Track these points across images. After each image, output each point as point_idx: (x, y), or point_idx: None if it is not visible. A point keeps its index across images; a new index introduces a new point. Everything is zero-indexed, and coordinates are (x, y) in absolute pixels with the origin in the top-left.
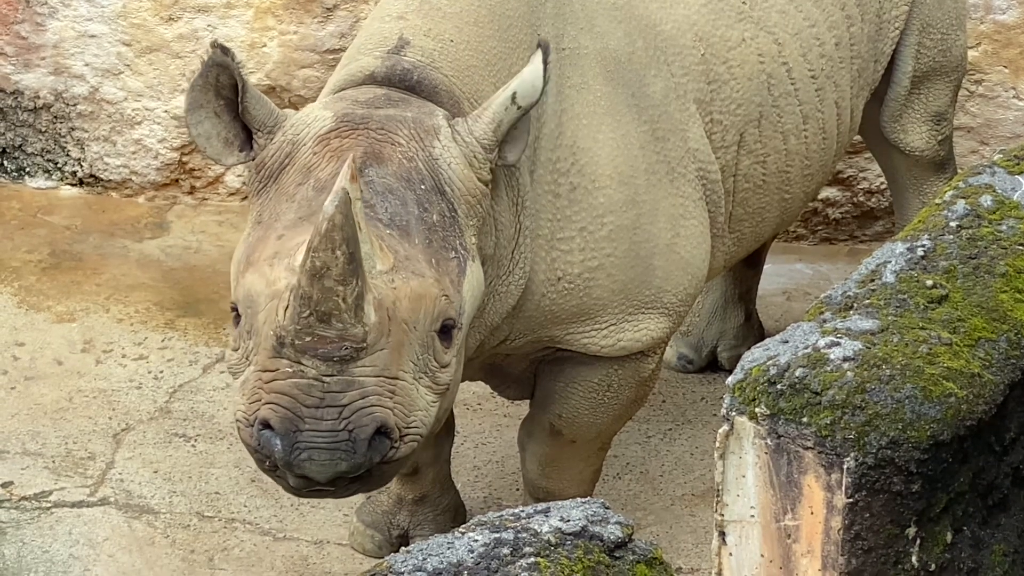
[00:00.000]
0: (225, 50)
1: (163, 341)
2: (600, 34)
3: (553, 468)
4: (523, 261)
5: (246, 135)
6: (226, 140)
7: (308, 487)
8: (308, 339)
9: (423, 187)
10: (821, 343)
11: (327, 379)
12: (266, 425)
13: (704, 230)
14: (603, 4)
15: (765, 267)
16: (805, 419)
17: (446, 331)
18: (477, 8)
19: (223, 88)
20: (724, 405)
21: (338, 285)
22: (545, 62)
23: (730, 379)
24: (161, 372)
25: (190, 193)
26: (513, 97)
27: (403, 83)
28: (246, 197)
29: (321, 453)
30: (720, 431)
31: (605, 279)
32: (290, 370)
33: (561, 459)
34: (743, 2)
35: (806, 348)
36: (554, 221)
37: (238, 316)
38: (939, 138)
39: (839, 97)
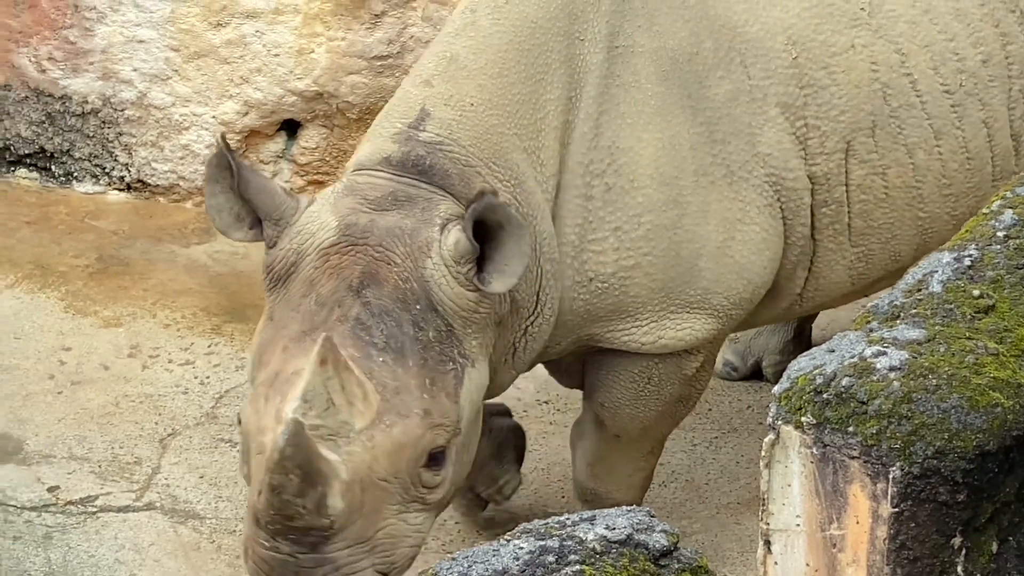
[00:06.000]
0: (227, 147)
1: (209, 346)
2: (659, 33)
3: (601, 468)
4: (549, 300)
5: (256, 215)
6: (237, 216)
7: None
8: (279, 526)
9: (418, 307)
10: (867, 352)
11: (300, 556)
12: None
13: (768, 236)
14: (669, 2)
15: None
16: (851, 428)
17: (434, 458)
18: (504, 53)
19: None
20: (770, 414)
21: (296, 498)
22: (469, 213)
23: (776, 388)
24: (207, 377)
25: None
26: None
27: (415, 168)
28: None
29: None
30: (766, 440)
31: (643, 278)
32: (267, 544)
33: (609, 459)
34: (862, 9)
35: (852, 357)
36: (584, 225)
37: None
38: None
39: (988, 117)
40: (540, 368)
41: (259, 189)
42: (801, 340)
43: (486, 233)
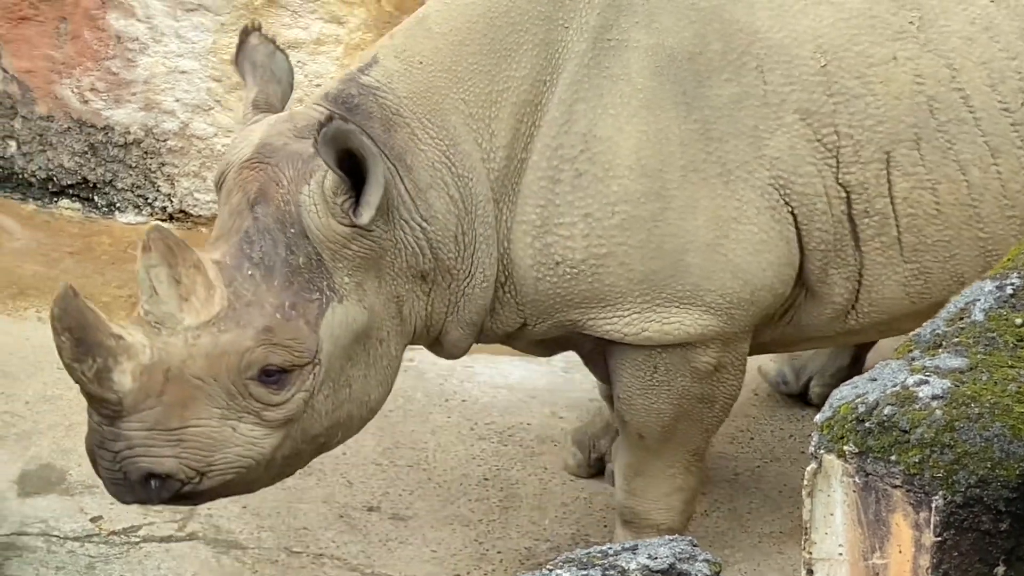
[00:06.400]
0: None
1: None
2: (659, 30)
3: (637, 483)
4: (483, 266)
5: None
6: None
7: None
8: (84, 393)
9: (292, 231)
10: (910, 381)
11: (104, 428)
12: None
13: (768, 238)
14: (675, 3)
15: None
16: (893, 457)
17: (271, 375)
18: (471, 24)
19: None
20: (812, 443)
21: (73, 362)
22: (320, 143)
23: (818, 417)
24: None
25: None
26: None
27: (344, 105)
28: None
29: (110, 486)
30: (808, 469)
31: (618, 267)
32: (89, 414)
33: (643, 472)
34: (910, 23)
35: (895, 386)
36: (548, 207)
37: None
38: None
39: None
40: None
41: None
42: (855, 368)
43: (357, 162)
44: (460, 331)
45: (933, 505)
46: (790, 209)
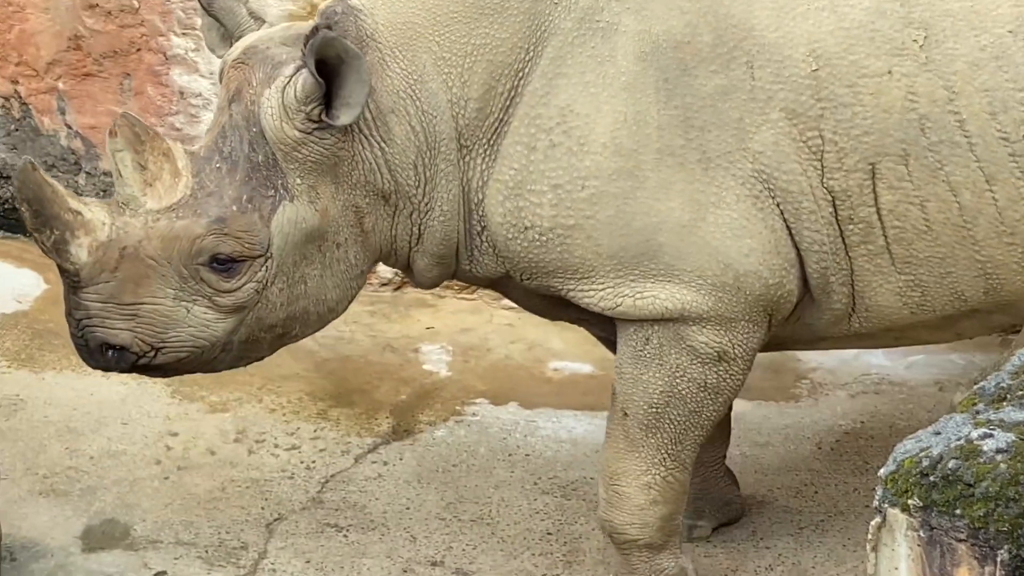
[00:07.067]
0: None
1: (315, 431)
2: (648, 17)
3: (612, 490)
4: (441, 201)
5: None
6: (222, 35)
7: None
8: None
9: (255, 130)
10: (974, 435)
11: (70, 297)
12: None
13: (748, 225)
14: None
15: (916, 357)
16: (958, 511)
17: (222, 263)
18: None
19: None
20: (876, 497)
21: (34, 231)
22: (307, 49)
23: (882, 471)
24: (313, 462)
25: None
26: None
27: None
28: (399, 287)
29: (78, 350)
30: (873, 523)
31: (585, 240)
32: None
33: (620, 473)
34: (914, 40)
35: (959, 440)
36: (522, 171)
37: None
38: None
39: None
40: None
41: (224, 9)
42: None
43: (330, 72)
44: (424, 261)
45: (998, 559)
46: (776, 203)
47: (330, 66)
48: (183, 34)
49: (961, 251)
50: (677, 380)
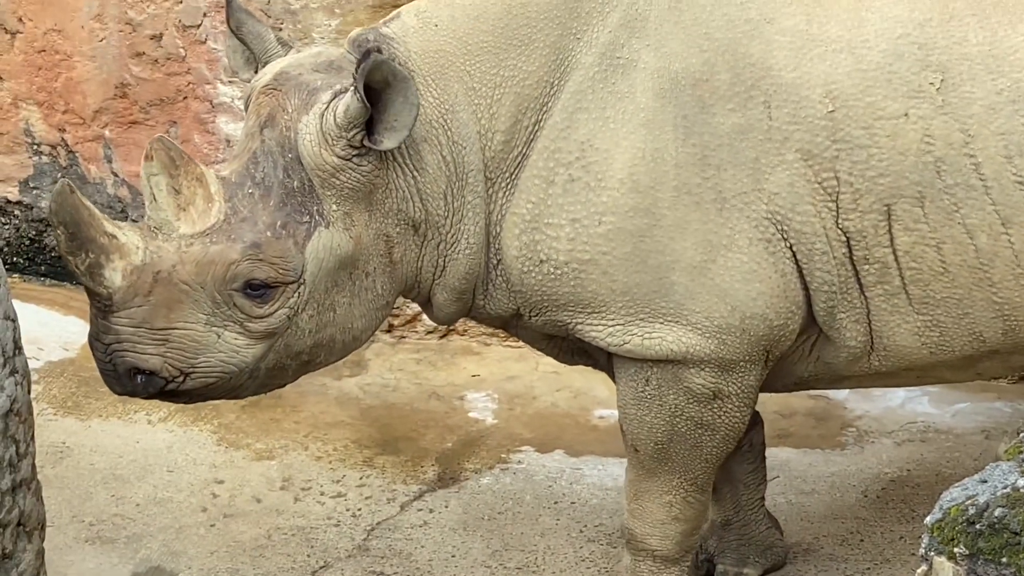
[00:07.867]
0: None
1: (361, 479)
2: (667, 54)
3: (636, 504)
4: (468, 234)
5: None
6: (247, 59)
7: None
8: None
9: (290, 156)
10: (1020, 483)
11: (99, 321)
12: None
13: (759, 269)
14: (688, 31)
15: (962, 405)
16: (1005, 559)
17: (256, 289)
18: (492, 5)
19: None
20: (923, 545)
21: (68, 255)
22: (358, 72)
23: (928, 519)
24: (359, 510)
25: (388, 331)
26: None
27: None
28: (444, 335)
29: (103, 376)
30: (919, 571)
31: (600, 275)
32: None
33: (642, 492)
34: (931, 83)
35: (1005, 488)
36: (540, 205)
37: None
38: None
39: None
40: None
41: (253, 33)
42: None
43: (373, 96)
44: (444, 295)
45: None
46: (788, 244)
47: (374, 90)
48: (229, 82)
49: (979, 293)
50: (676, 419)
